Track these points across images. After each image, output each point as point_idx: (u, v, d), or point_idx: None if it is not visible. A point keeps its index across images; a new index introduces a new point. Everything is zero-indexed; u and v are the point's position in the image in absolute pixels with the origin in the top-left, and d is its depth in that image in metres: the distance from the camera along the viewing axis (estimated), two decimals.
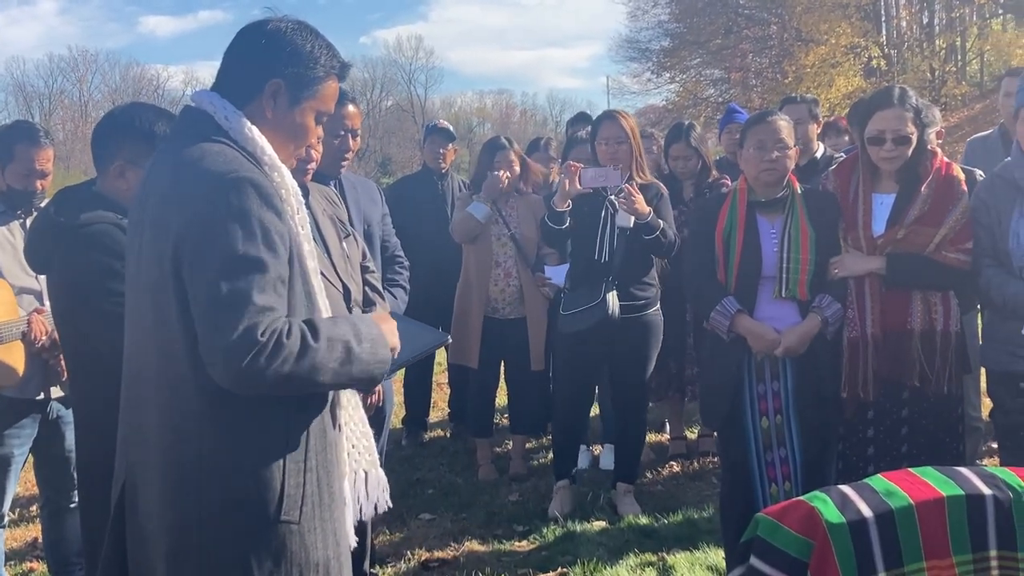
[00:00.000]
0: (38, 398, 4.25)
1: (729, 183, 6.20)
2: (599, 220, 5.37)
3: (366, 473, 2.79)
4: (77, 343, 3.47)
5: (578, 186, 5.22)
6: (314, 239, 3.19)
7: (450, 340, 2.88)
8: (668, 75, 43.56)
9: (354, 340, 2.34)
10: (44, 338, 4.09)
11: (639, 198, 5.17)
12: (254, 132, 2.40)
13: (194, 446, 2.28)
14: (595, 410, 6.53)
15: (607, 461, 6.23)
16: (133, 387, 2.44)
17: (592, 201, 5.36)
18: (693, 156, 6.28)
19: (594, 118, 8.81)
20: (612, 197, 5.29)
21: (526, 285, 6.07)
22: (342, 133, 4.25)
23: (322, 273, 2.76)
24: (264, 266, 2.22)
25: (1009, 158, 4.19)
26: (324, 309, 2.47)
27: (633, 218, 5.17)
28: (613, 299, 5.24)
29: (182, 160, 2.33)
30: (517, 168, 6.15)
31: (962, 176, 4.20)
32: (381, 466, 2.91)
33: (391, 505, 2.90)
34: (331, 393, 2.49)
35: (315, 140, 3.54)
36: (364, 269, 3.87)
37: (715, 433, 5.43)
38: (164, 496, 2.32)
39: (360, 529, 2.74)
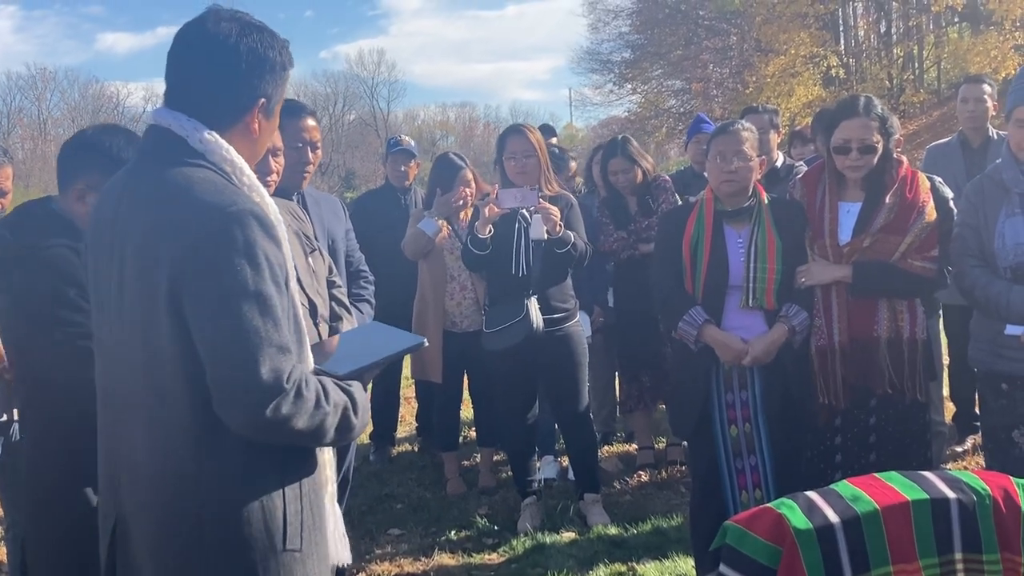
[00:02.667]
0: (1, 419, 4.19)
1: (667, 178, 6.28)
2: (513, 234, 5.36)
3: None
4: (26, 371, 3.35)
5: (496, 209, 5.23)
6: None
7: (427, 343, 2.87)
8: (630, 86, 43.78)
9: (351, 409, 2.34)
10: None
11: (556, 213, 5.19)
12: (232, 153, 2.32)
13: (192, 487, 2.22)
14: None
15: None
16: (115, 427, 2.36)
17: (505, 216, 5.33)
18: (631, 168, 6.30)
19: (553, 130, 8.85)
20: (525, 211, 5.29)
21: (482, 297, 6.06)
22: (300, 146, 4.22)
23: None
24: (275, 302, 2.18)
25: (999, 160, 4.25)
26: (305, 330, 2.40)
27: (546, 230, 5.19)
28: (536, 313, 5.24)
29: (167, 187, 2.23)
30: (474, 186, 6.13)
31: (927, 185, 4.25)
32: (343, 499, 2.89)
33: (349, 563, 2.87)
34: None
35: (275, 147, 3.52)
36: (331, 284, 3.86)
37: (683, 442, 5.46)
38: (160, 538, 2.26)
39: None
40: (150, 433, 2.26)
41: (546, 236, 5.20)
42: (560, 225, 5.21)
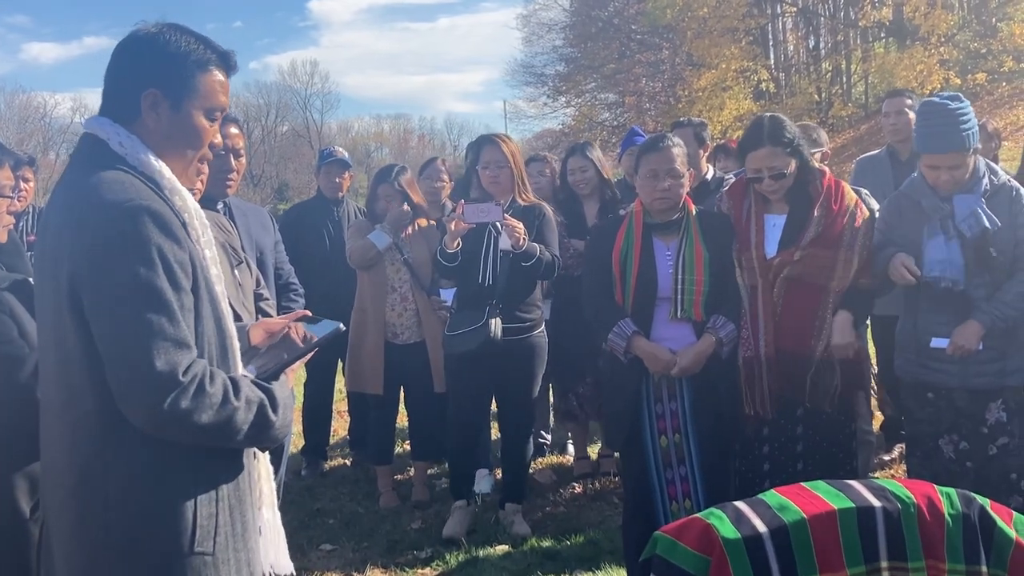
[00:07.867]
0: None
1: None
2: (482, 243, 5.40)
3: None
4: None
5: (462, 224, 5.23)
6: None
7: (342, 328, 2.87)
8: (564, 99, 44.14)
9: (269, 405, 2.31)
10: None
11: (520, 229, 5.20)
12: (150, 156, 2.32)
13: (100, 486, 2.21)
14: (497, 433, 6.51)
15: None
16: (44, 426, 2.38)
17: (477, 225, 5.37)
18: (590, 167, 6.31)
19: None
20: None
21: (422, 309, 6.04)
22: (222, 152, 4.15)
23: None
24: (168, 297, 2.15)
25: (914, 174, 4.32)
26: (234, 336, 2.42)
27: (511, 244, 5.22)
28: (496, 322, 5.27)
29: (78, 190, 2.26)
30: (401, 198, 6.06)
31: (852, 195, 4.30)
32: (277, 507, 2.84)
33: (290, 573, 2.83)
34: None
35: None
36: (258, 297, 3.82)
37: (616, 453, 5.47)
38: (73, 536, 2.26)
39: None
40: (62, 433, 2.27)
41: (512, 248, 5.22)
42: (524, 239, 5.22)
